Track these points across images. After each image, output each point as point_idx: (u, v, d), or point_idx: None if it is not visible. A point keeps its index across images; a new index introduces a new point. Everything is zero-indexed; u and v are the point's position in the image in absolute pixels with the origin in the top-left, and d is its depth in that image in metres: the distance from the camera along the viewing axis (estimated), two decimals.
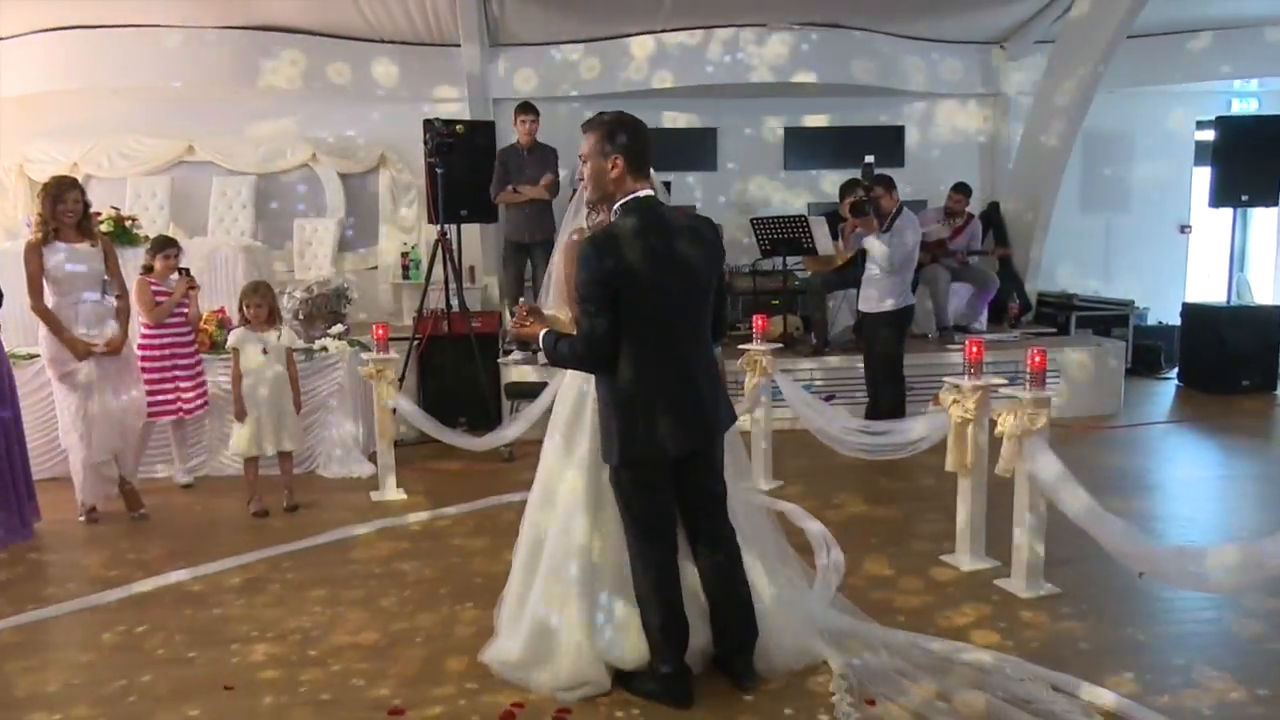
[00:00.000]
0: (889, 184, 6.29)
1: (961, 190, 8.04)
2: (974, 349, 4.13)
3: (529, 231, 6.98)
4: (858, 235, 6.46)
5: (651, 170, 2.93)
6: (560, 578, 3.04)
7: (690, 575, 3.04)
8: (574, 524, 3.05)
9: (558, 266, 3.27)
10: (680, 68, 8.28)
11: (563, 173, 7.15)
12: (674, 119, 8.74)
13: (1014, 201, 8.95)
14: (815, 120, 9.02)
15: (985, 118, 9.28)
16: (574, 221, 3.29)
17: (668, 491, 2.92)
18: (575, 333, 2.88)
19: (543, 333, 2.92)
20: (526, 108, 7.00)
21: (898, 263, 6.08)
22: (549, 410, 3.32)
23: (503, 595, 3.33)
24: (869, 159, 6.66)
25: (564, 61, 8.33)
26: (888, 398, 6.21)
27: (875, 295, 6.17)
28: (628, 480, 2.90)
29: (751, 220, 7.50)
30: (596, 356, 2.79)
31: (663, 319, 2.81)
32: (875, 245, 6.12)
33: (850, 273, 7.28)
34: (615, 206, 2.85)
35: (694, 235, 2.90)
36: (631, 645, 3.01)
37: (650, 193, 2.85)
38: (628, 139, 2.82)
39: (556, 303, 3.25)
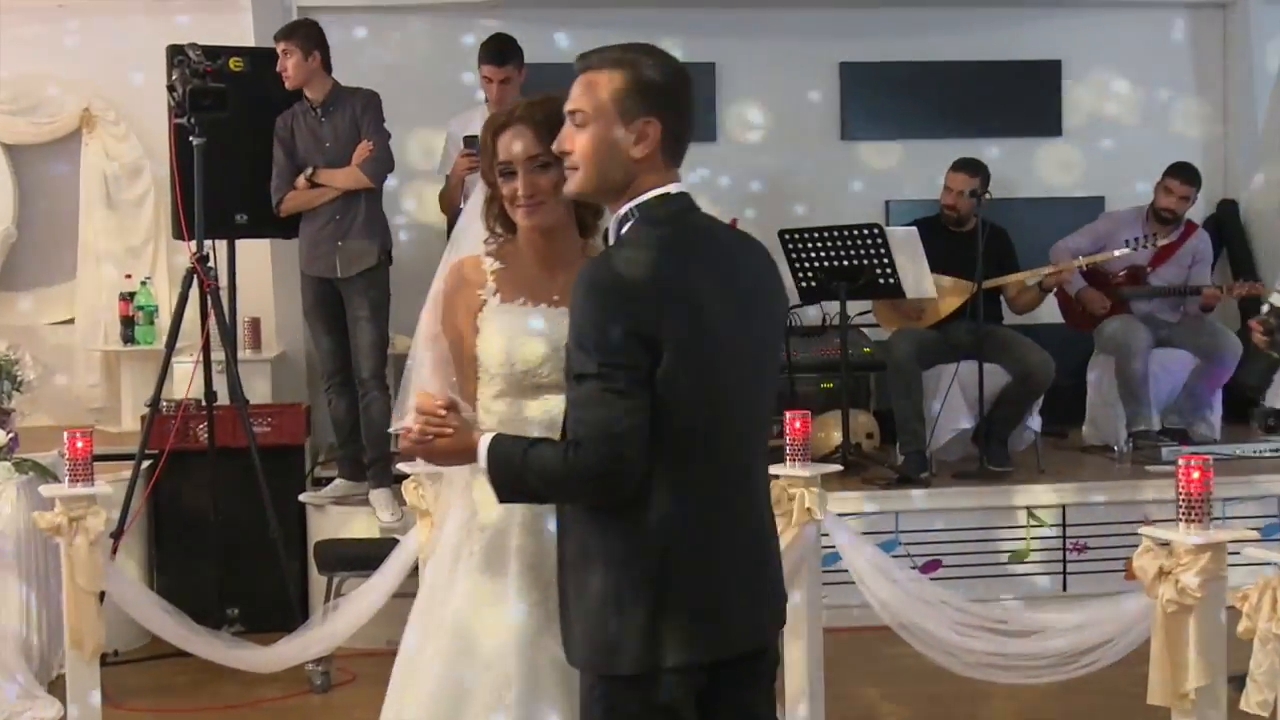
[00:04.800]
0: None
1: (1185, 176, 8.03)
2: (1196, 474, 4.18)
3: (343, 257, 6.94)
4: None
5: None
6: None
7: None
8: None
9: (432, 324, 3.32)
10: None
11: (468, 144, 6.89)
12: None
13: (1266, 198, 9.15)
14: (897, 52, 9.20)
15: (1205, 47, 9.49)
16: (466, 238, 3.36)
17: None
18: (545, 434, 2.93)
19: (486, 440, 2.91)
20: (293, 30, 6.94)
21: None
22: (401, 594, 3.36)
23: None
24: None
25: None
26: None
27: None
28: (636, 708, 2.90)
29: (781, 234, 7.60)
30: (619, 473, 2.79)
31: (725, 411, 2.88)
32: None
33: (962, 329, 7.39)
34: (628, 207, 2.91)
35: (762, 267, 3.06)
36: None
37: (685, 190, 2.95)
38: (673, 95, 2.90)
39: (435, 385, 3.28)
